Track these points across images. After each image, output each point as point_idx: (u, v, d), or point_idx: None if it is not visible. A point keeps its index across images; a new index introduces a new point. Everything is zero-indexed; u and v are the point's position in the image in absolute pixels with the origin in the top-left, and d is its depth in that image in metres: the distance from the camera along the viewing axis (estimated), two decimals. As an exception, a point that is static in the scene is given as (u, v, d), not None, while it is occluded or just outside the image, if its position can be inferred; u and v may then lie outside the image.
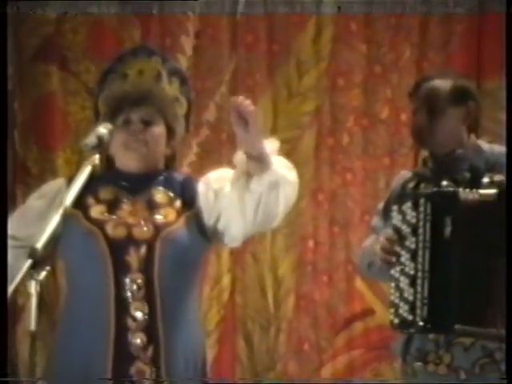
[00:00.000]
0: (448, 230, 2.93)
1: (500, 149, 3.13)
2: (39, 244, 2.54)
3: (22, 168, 4.96)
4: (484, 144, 3.18)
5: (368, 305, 4.88)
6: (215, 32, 4.96)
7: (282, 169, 2.93)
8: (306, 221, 4.94)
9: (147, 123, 3.02)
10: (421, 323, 2.95)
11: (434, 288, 2.94)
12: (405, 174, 3.24)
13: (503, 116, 4.74)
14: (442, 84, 3.14)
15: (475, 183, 3.00)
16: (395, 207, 3.02)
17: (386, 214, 3.17)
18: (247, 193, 2.92)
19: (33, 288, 2.48)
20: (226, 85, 4.96)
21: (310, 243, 4.96)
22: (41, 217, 2.88)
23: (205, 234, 3.00)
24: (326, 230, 4.96)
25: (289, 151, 4.85)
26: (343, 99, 4.94)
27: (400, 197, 3.06)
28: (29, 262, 2.50)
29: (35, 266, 2.49)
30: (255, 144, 2.87)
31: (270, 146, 2.93)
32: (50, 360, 3.04)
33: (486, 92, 4.77)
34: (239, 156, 2.92)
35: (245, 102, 2.85)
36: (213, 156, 4.93)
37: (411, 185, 3.12)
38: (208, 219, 2.99)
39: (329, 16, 4.93)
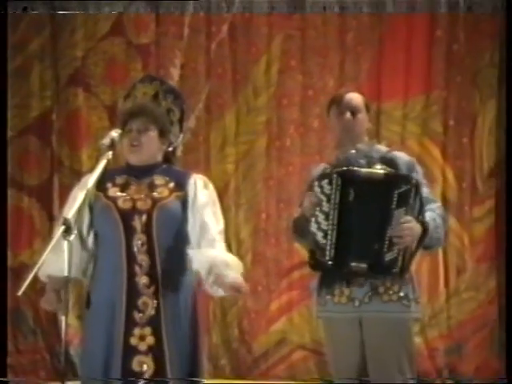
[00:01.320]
0: (351, 196, 2.92)
1: (385, 149, 3.14)
2: (69, 215, 2.64)
3: (58, 161, 4.99)
4: (377, 144, 3.18)
5: (303, 259, 4.48)
6: (195, 65, 4.99)
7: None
8: (260, 199, 5.01)
9: (141, 130, 2.99)
10: (329, 262, 2.93)
11: (339, 237, 2.93)
12: (322, 165, 3.21)
13: (397, 128, 4.90)
14: (358, 95, 3.13)
15: (370, 166, 3.01)
16: (316, 183, 2.99)
17: (311, 186, 3.09)
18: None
19: (65, 246, 2.57)
20: (203, 102, 4.99)
21: (263, 215, 5.01)
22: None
23: (186, 213, 2.99)
24: (274, 206, 5.00)
25: (248, 150, 4.99)
26: (286, 114, 4.99)
27: (320, 177, 3.01)
28: (62, 228, 2.58)
29: (66, 231, 2.58)
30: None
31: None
32: (83, 294, 3.06)
33: (383, 111, 4.85)
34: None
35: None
36: (193, 153, 4.95)
37: (327, 170, 3.09)
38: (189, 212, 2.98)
39: (276, 54, 4.94)
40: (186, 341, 2.94)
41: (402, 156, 3.11)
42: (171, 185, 3.01)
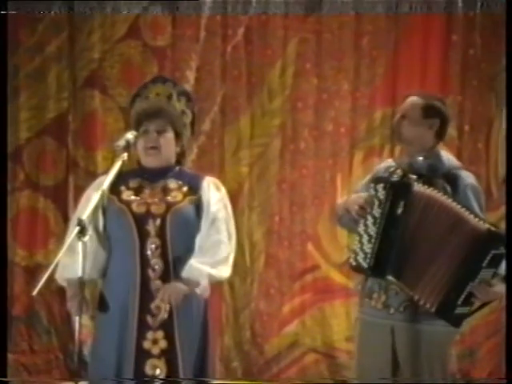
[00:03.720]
0: (400, 210, 2.86)
1: (455, 163, 3.03)
2: (84, 216, 2.63)
3: (73, 163, 4.94)
4: (443, 152, 3.04)
5: (316, 262, 4.88)
6: (211, 68, 4.93)
7: None
8: (274, 202, 4.96)
9: (160, 132, 2.99)
10: (367, 269, 2.90)
11: (381, 247, 2.87)
12: (389, 162, 3.12)
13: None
14: (419, 100, 3.00)
15: (431, 179, 2.94)
16: (372, 185, 2.93)
17: (369, 183, 3.04)
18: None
19: (79, 247, 2.56)
20: (218, 105, 4.93)
21: (276, 218, 4.96)
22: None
23: (199, 217, 3.00)
24: (287, 209, 4.95)
25: (262, 153, 4.95)
26: (300, 117, 4.93)
27: (377, 179, 2.95)
28: (77, 229, 2.58)
29: (81, 231, 2.57)
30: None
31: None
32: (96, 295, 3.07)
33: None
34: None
35: None
36: (207, 155, 4.93)
37: (391, 169, 3.02)
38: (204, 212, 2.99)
39: (291, 58, 4.90)
40: (198, 344, 2.93)
41: (466, 178, 2.99)
42: (185, 189, 3.00)
